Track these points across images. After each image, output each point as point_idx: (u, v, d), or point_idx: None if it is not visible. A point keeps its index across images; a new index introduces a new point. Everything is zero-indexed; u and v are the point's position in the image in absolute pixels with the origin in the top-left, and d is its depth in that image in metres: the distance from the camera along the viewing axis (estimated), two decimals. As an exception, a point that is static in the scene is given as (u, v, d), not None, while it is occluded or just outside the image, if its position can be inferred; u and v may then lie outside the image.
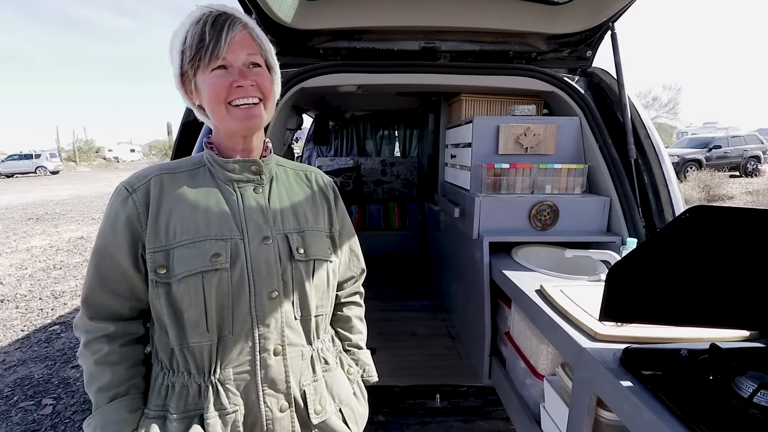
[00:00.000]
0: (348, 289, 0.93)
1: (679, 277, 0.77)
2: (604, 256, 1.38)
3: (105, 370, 0.67)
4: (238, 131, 0.72)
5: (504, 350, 1.56)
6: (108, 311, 0.70)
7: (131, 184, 0.69)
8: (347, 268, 0.91)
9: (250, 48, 0.69)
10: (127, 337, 0.71)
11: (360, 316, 0.95)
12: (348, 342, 0.91)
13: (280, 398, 0.72)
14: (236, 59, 0.67)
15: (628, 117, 1.61)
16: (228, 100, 0.68)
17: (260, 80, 0.69)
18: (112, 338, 0.69)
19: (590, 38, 1.76)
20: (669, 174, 1.56)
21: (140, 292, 0.70)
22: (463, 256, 1.94)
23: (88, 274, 0.69)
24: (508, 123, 1.73)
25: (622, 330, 0.93)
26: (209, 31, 0.65)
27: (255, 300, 0.69)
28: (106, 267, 0.68)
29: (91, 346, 0.68)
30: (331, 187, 0.87)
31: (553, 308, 1.10)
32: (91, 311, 0.69)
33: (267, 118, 0.73)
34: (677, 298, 0.80)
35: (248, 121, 0.69)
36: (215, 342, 0.67)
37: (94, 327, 0.69)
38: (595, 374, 0.85)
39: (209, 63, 0.66)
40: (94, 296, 0.69)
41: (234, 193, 0.73)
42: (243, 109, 0.69)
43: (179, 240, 0.67)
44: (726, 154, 12.90)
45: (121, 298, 0.70)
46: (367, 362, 0.94)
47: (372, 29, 1.78)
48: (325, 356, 0.81)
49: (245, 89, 0.67)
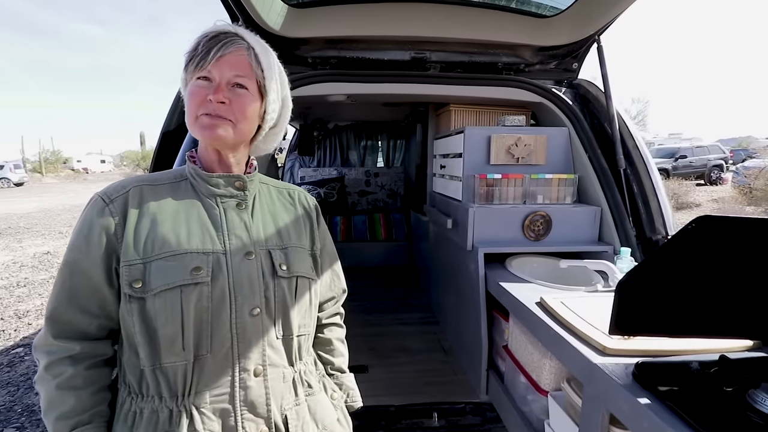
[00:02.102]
0: (329, 310, 0.90)
1: (687, 287, 0.76)
2: (600, 266, 1.37)
3: (67, 396, 0.62)
4: (203, 141, 0.71)
5: (501, 364, 1.52)
6: (74, 329, 0.65)
7: (108, 194, 0.67)
8: (328, 288, 0.89)
9: (241, 70, 0.68)
10: (94, 359, 0.66)
11: (341, 338, 0.92)
12: (331, 366, 0.88)
13: (260, 423, 0.68)
14: (221, 75, 0.67)
15: (617, 128, 1.63)
16: (199, 112, 0.67)
17: (236, 100, 0.68)
18: (77, 360, 0.64)
19: (577, 51, 1.79)
20: (657, 183, 1.59)
21: (111, 309, 0.66)
22: (456, 267, 1.91)
23: (55, 289, 0.65)
24: (499, 133, 1.73)
25: (630, 343, 0.91)
26: (205, 43, 0.66)
27: (236, 317, 0.66)
28: (77, 281, 0.64)
29: (52, 369, 0.63)
30: (314, 206, 0.87)
31: (556, 321, 1.08)
32: (56, 329, 0.64)
33: (235, 139, 0.70)
34: (685, 308, 0.79)
35: (209, 131, 0.67)
36: (191, 362, 0.64)
37: (57, 347, 0.64)
38: (608, 391, 0.83)
39: (194, 71, 0.67)
40: (61, 312, 0.64)
41: (217, 208, 0.71)
42: (208, 119, 0.67)
43: (158, 253, 0.64)
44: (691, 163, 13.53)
45: (89, 316, 0.65)
46: (351, 386, 0.90)
47: (362, 38, 1.76)
48: (308, 379, 0.78)
49: (213, 105, 0.66)
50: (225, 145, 0.70)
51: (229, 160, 0.73)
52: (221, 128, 0.67)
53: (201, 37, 0.67)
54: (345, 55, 1.79)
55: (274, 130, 0.78)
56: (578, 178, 1.74)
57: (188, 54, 0.67)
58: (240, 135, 0.70)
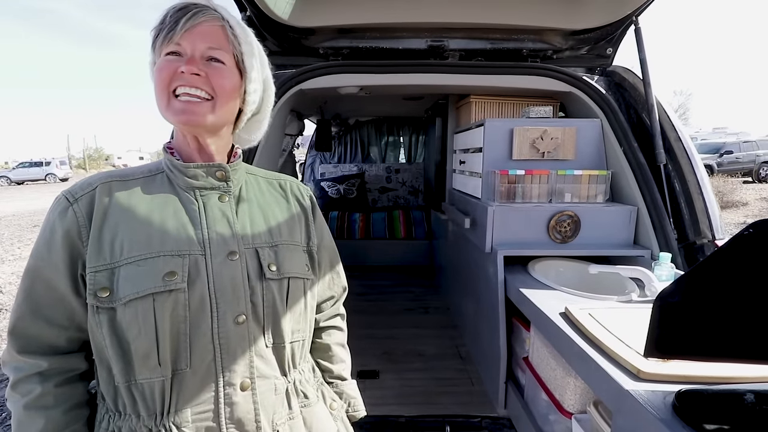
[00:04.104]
0: (327, 311, 0.82)
1: (742, 302, 0.63)
2: (635, 273, 1.23)
3: (36, 416, 0.56)
4: (179, 127, 0.63)
5: (521, 377, 1.40)
6: (41, 343, 0.59)
7: (73, 193, 0.60)
8: (327, 287, 0.81)
9: (215, 42, 0.61)
10: (65, 375, 0.60)
11: (342, 342, 0.84)
12: (329, 373, 0.80)
13: None
14: (192, 48, 0.60)
15: (656, 118, 1.47)
16: (171, 88, 0.59)
17: (213, 74, 0.60)
18: (46, 377, 0.58)
19: (611, 34, 1.62)
20: (703, 180, 1.42)
21: (81, 320, 0.59)
22: (475, 270, 1.79)
23: (17, 300, 0.59)
24: (522, 126, 1.60)
25: (669, 367, 0.78)
26: (173, 14, 0.59)
27: (218, 326, 0.60)
28: (39, 291, 0.58)
29: (20, 387, 0.57)
30: (308, 197, 0.78)
31: (582, 336, 0.95)
32: (20, 344, 0.58)
33: (215, 120, 0.62)
34: (739, 328, 0.65)
35: (184, 116, 0.59)
36: (169, 377, 0.57)
37: (23, 363, 0.58)
38: (642, 423, 0.71)
39: (161, 47, 0.60)
40: (24, 326, 0.58)
41: (195, 202, 0.63)
42: (182, 102, 0.59)
43: (127, 257, 0.57)
44: (738, 159, 12.65)
45: (57, 328, 0.59)
46: (352, 395, 0.82)
47: (375, 26, 1.66)
48: (304, 389, 0.70)
49: (187, 77, 0.58)
50: (204, 129, 0.62)
51: (209, 148, 0.65)
52: (198, 109, 0.60)
53: (168, 8, 0.60)
54: (357, 44, 1.70)
55: (257, 117, 0.71)
56: (611, 175, 1.59)
57: (155, 29, 0.60)
58: (220, 114, 0.62)
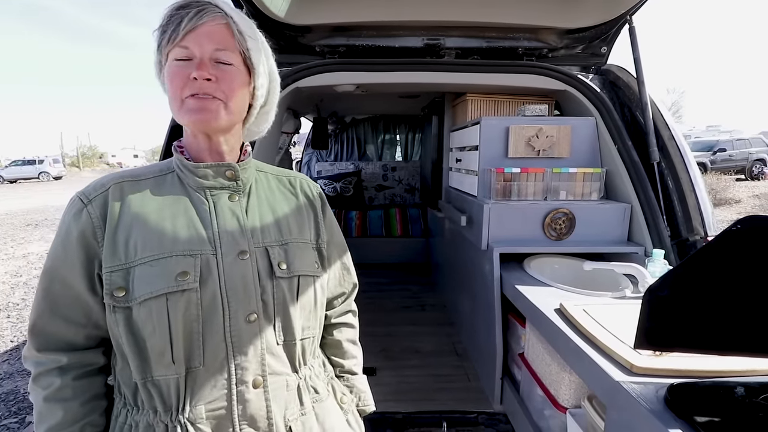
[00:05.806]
0: (339, 308, 0.83)
1: (731, 296, 0.65)
2: (629, 270, 1.25)
3: (56, 408, 0.59)
4: (192, 127, 0.64)
5: (517, 373, 1.42)
6: (60, 341, 0.61)
7: (87, 194, 0.62)
8: (338, 283, 0.81)
9: (221, 42, 0.61)
10: (83, 369, 0.62)
11: (353, 339, 0.85)
12: (340, 368, 0.82)
13: None
14: (201, 51, 0.60)
15: (650, 117, 1.49)
16: (184, 95, 0.60)
17: (223, 79, 0.60)
18: (65, 371, 0.60)
19: (606, 33, 1.64)
20: (696, 178, 1.43)
21: (98, 317, 0.61)
22: (471, 267, 1.81)
23: (36, 299, 0.61)
24: (518, 124, 1.61)
25: (661, 361, 0.80)
26: (175, 14, 0.60)
27: (230, 324, 0.61)
28: (57, 290, 0.60)
29: (40, 381, 0.60)
30: (318, 194, 0.79)
31: (577, 332, 0.97)
32: (39, 342, 0.61)
33: (229, 120, 0.63)
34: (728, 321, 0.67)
35: (199, 114, 0.60)
36: (183, 375, 0.59)
37: (44, 359, 0.60)
38: (635, 416, 0.72)
39: (167, 47, 0.60)
40: (43, 324, 0.60)
41: (206, 202, 0.64)
42: (195, 100, 0.60)
43: (140, 257, 0.59)
44: (731, 157, 12.74)
45: (75, 326, 0.61)
46: (362, 389, 0.83)
47: (371, 25, 1.66)
48: (315, 385, 0.71)
49: (199, 83, 0.59)
50: (218, 129, 0.63)
51: (221, 147, 0.65)
52: (212, 109, 0.60)
53: (169, 8, 0.60)
54: (354, 42, 1.70)
55: (264, 108, 0.71)
56: (606, 173, 1.60)
57: (158, 30, 0.60)
58: (232, 115, 0.63)
